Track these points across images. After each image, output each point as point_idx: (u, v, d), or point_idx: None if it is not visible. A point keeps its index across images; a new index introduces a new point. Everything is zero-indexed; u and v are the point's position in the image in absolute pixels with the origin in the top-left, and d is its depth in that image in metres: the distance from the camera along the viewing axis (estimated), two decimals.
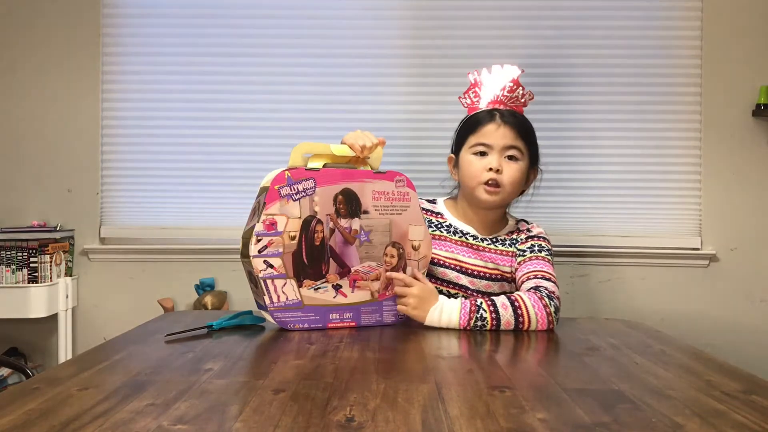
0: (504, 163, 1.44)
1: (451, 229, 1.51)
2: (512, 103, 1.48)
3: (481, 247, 1.48)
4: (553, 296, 1.33)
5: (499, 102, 1.48)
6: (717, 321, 2.18)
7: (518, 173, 1.45)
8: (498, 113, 1.46)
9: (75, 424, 0.69)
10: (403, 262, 1.34)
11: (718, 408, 0.78)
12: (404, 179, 1.34)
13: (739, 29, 2.17)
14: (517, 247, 1.48)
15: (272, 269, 1.21)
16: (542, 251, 1.46)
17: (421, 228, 1.35)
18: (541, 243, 1.48)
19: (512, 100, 1.48)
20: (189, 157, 2.26)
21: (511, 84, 1.48)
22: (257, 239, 1.20)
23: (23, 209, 2.25)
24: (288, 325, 1.24)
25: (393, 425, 0.70)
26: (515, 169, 1.45)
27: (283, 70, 2.24)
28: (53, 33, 2.24)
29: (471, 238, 1.49)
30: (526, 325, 1.28)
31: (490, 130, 1.44)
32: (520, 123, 1.46)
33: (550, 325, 1.30)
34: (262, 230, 1.20)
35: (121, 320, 1.81)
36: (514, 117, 1.46)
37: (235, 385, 0.85)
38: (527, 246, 1.47)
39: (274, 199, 1.21)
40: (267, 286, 1.21)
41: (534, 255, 1.45)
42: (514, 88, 1.48)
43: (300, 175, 1.23)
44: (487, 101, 1.49)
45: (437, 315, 1.28)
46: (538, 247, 1.47)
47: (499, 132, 1.44)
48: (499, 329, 1.28)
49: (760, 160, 2.17)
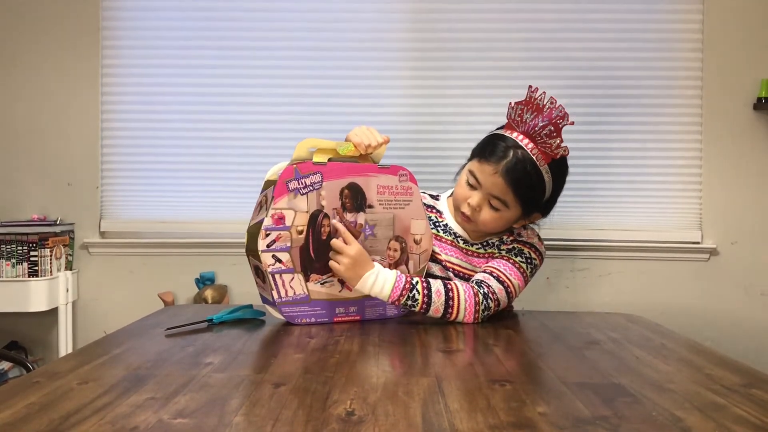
0: (485, 206, 1.37)
1: (447, 228, 1.47)
2: (541, 146, 1.33)
3: (470, 252, 1.45)
4: (490, 296, 1.30)
5: (529, 137, 1.34)
6: (717, 315, 2.18)
7: (493, 221, 1.37)
8: (510, 156, 1.33)
9: (75, 417, 0.69)
10: (406, 255, 1.34)
11: (718, 401, 0.78)
12: (407, 174, 1.34)
13: (740, 22, 2.16)
14: (501, 248, 1.43)
15: (280, 264, 1.21)
16: (518, 256, 1.40)
17: (423, 222, 1.35)
18: (522, 248, 1.41)
19: (543, 145, 1.33)
20: (189, 150, 2.26)
21: (551, 127, 1.32)
22: (266, 234, 1.19)
23: (23, 203, 2.25)
24: (296, 319, 1.24)
25: (393, 419, 0.70)
26: (491, 217, 1.37)
27: (283, 64, 2.24)
28: (53, 26, 2.24)
29: (461, 242, 1.45)
30: (453, 316, 1.28)
31: (487, 171, 1.34)
32: (519, 179, 1.33)
33: (475, 321, 1.29)
34: (271, 225, 1.19)
35: (122, 314, 1.82)
36: (519, 169, 1.32)
37: (236, 379, 0.85)
38: (508, 248, 1.42)
39: (283, 193, 1.20)
40: (275, 281, 1.21)
41: (507, 256, 1.40)
42: (552, 134, 1.32)
43: (307, 168, 1.23)
44: (522, 129, 1.35)
45: (370, 282, 1.24)
46: (517, 251, 1.41)
47: (492, 178, 1.34)
48: (426, 314, 1.27)
49: (760, 154, 2.17)
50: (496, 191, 1.35)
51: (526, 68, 2.20)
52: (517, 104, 1.37)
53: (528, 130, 1.34)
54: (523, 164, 1.33)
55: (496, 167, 1.33)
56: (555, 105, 1.33)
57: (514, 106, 1.37)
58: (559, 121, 1.32)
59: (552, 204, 1.44)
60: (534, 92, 1.35)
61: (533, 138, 1.34)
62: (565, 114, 1.32)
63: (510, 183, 1.33)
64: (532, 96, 1.35)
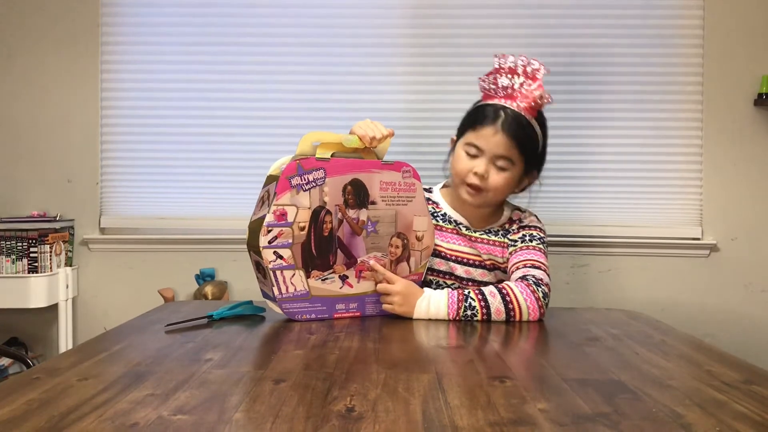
0: (492, 170, 1.39)
1: (446, 217, 1.49)
2: (526, 102, 1.38)
3: (473, 238, 1.46)
4: (541, 283, 1.31)
5: (513, 98, 1.39)
6: (717, 311, 2.18)
7: (504, 182, 1.40)
8: (503, 115, 1.37)
9: (75, 414, 0.69)
10: (408, 252, 1.33)
11: (718, 398, 0.78)
12: (411, 170, 1.32)
13: (741, 18, 2.16)
14: (509, 237, 1.45)
15: (281, 260, 1.20)
16: (533, 240, 1.42)
17: (425, 219, 1.35)
18: (532, 233, 1.44)
19: (528, 99, 1.38)
20: (189, 147, 2.26)
21: (530, 82, 1.38)
22: (267, 230, 1.18)
23: (23, 199, 2.25)
24: (296, 315, 1.24)
25: (393, 415, 0.70)
26: (502, 178, 1.40)
27: (283, 60, 2.23)
28: (52, 22, 2.23)
29: (464, 228, 1.47)
30: (517, 313, 1.27)
31: (487, 134, 1.37)
32: (520, 132, 1.37)
33: (541, 311, 1.28)
34: (273, 221, 1.19)
35: (122, 310, 1.82)
36: (517, 124, 1.37)
37: (236, 375, 0.85)
38: (518, 236, 1.44)
39: (285, 189, 1.19)
40: (276, 277, 1.21)
41: (525, 245, 1.42)
42: (531, 87, 1.38)
43: (310, 164, 1.22)
44: (502, 93, 1.40)
45: (425, 307, 1.27)
46: (530, 236, 1.43)
47: (494, 138, 1.37)
48: (490, 319, 1.26)
49: (761, 150, 2.16)
50: (501, 150, 1.38)
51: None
52: (488, 75, 1.43)
53: (506, 91, 1.40)
54: (518, 118, 1.38)
55: (495, 127, 1.37)
56: (526, 60, 1.39)
57: (485, 78, 1.43)
58: (535, 73, 1.38)
59: (543, 160, 1.48)
60: (501, 57, 1.41)
61: (513, 96, 1.39)
62: (541, 65, 1.38)
63: (513, 137, 1.37)
64: (501, 63, 1.41)
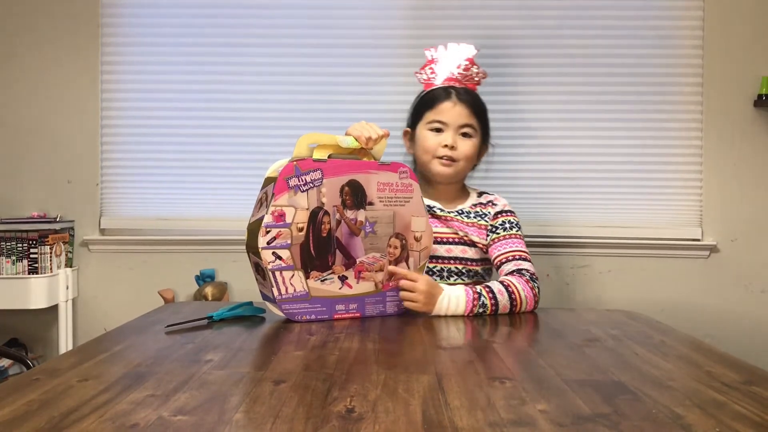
0: (458, 140, 1.53)
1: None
2: (467, 81, 1.56)
3: (449, 218, 1.54)
4: (535, 277, 1.43)
5: (454, 79, 1.56)
6: (717, 312, 2.18)
7: (471, 149, 1.54)
8: (454, 91, 1.54)
9: (75, 415, 0.69)
10: (406, 253, 1.34)
11: (718, 399, 0.78)
12: (407, 170, 1.33)
13: (741, 19, 2.15)
14: (489, 221, 1.54)
15: (280, 261, 1.21)
16: (513, 228, 1.54)
17: (423, 219, 1.35)
18: (510, 219, 1.55)
19: (467, 78, 1.56)
20: (189, 147, 2.26)
21: (467, 62, 1.56)
22: (266, 231, 1.19)
23: (23, 200, 2.25)
24: (296, 316, 1.24)
25: (393, 416, 0.70)
26: (469, 145, 1.53)
27: (283, 61, 2.23)
28: (53, 23, 2.23)
29: (438, 210, 1.55)
30: (519, 307, 1.37)
31: (447, 107, 1.52)
32: (474, 101, 1.55)
33: (535, 305, 1.40)
34: (271, 222, 1.19)
35: (122, 311, 1.82)
36: (469, 95, 1.54)
37: (236, 376, 0.85)
38: (498, 223, 1.54)
39: (283, 191, 1.20)
40: (275, 278, 1.21)
41: (507, 234, 1.52)
42: (468, 67, 1.56)
43: (308, 165, 1.23)
44: (442, 78, 1.57)
45: (445, 305, 1.32)
46: (509, 223, 1.54)
47: (455, 110, 1.52)
48: (497, 314, 1.35)
49: (761, 151, 2.16)
50: (463, 119, 1.53)
51: (525, 65, 2.20)
52: (422, 68, 1.60)
53: (448, 75, 1.56)
54: (468, 91, 1.55)
55: (452, 101, 1.53)
56: (458, 46, 1.56)
57: (421, 71, 1.61)
58: (467, 54, 1.56)
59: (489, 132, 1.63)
60: (433, 50, 1.59)
61: (456, 79, 1.56)
62: (469, 45, 1.56)
63: (470, 105, 1.53)
64: (433, 55, 1.59)
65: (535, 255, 2.20)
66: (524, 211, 2.18)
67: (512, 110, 2.19)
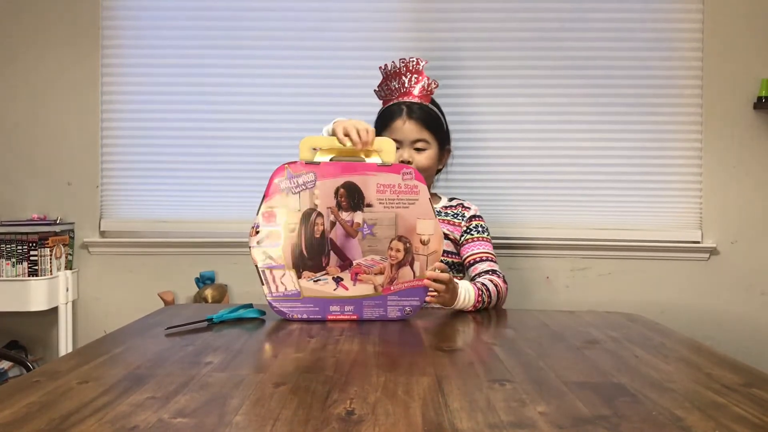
0: (414, 154, 1.60)
1: None
2: (420, 93, 1.63)
3: None
4: (504, 275, 1.57)
5: (406, 93, 1.63)
6: (717, 314, 2.18)
7: (426, 160, 1.61)
8: (405, 108, 1.61)
9: (75, 417, 0.69)
10: (410, 256, 1.29)
11: (718, 401, 0.78)
12: (412, 171, 1.29)
13: (741, 21, 2.16)
14: (464, 222, 1.66)
15: (271, 260, 1.23)
16: (484, 232, 1.65)
17: (431, 222, 1.29)
18: (482, 224, 1.67)
19: (420, 90, 1.63)
20: (189, 150, 2.26)
21: (417, 76, 1.63)
22: (256, 231, 1.23)
23: (23, 202, 2.25)
24: (287, 315, 1.25)
25: (393, 418, 0.70)
26: (424, 157, 1.61)
27: (284, 63, 2.23)
28: (53, 25, 2.23)
29: None
30: (501, 303, 1.52)
31: (398, 126, 1.60)
32: (425, 116, 1.61)
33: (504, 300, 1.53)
34: (261, 221, 1.23)
35: (122, 313, 1.81)
36: (420, 111, 1.61)
37: (236, 378, 0.85)
38: (472, 226, 1.65)
39: (274, 192, 1.23)
40: (266, 276, 1.24)
41: (479, 236, 1.64)
42: (419, 79, 1.63)
43: (299, 168, 1.25)
44: (396, 94, 1.65)
45: (463, 297, 1.40)
46: (481, 227, 1.66)
47: (405, 127, 1.59)
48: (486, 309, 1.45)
49: (761, 153, 2.16)
50: (415, 134, 1.60)
51: (525, 67, 2.20)
52: (379, 86, 1.68)
53: (400, 90, 1.64)
54: (418, 105, 1.62)
55: (402, 119, 1.60)
56: (406, 60, 1.63)
57: (378, 89, 1.69)
58: (416, 67, 1.63)
59: (449, 136, 1.72)
60: (385, 68, 1.66)
61: (410, 93, 1.63)
62: (419, 59, 1.62)
63: (419, 120, 1.60)
64: (386, 71, 1.67)
65: (535, 257, 2.22)
66: (523, 212, 2.19)
67: (512, 112, 2.20)
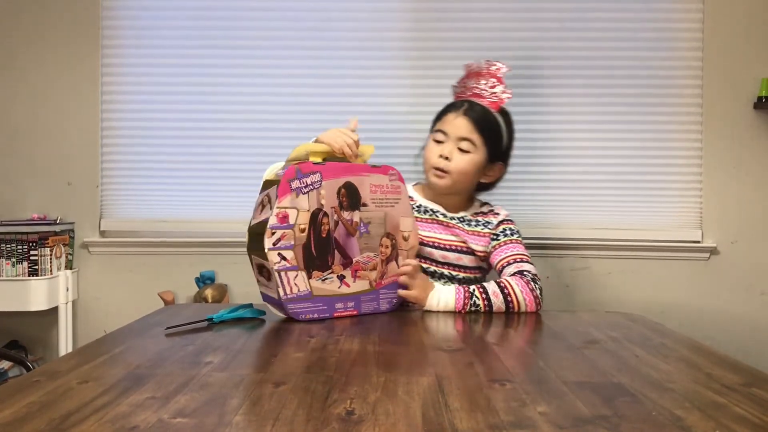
0: (455, 152, 1.51)
1: (421, 208, 1.58)
2: (490, 98, 1.54)
3: (450, 224, 1.56)
4: (537, 279, 1.44)
5: (476, 95, 1.55)
6: (717, 314, 2.18)
7: (466, 164, 1.52)
8: (467, 104, 1.53)
9: (75, 417, 0.69)
10: (396, 252, 1.39)
11: (718, 401, 0.78)
12: (396, 173, 1.39)
13: (741, 21, 2.16)
14: (491, 229, 1.56)
15: (285, 261, 1.23)
16: (514, 234, 1.56)
17: (410, 219, 1.42)
18: (511, 227, 1.57)
19: (491, 95, 1.54)
20: (189, 149, 2.26)
21: (494, 80, 1.55)
22: (271, 232, 1.22)
23: (23, 202, 2.25)
24: (300, 315, 1.26)
25: (393, 418, 0.70)
26: (464, 160, 1.51)
27: (283, 63, 2.23)
28: (53, 25, 2.23)
29: (441, 216, 1.56)
30: (516, 308, 1.39)
31: (449, 118, 1.53)
32: (480, 117, 1.52)
33: (537, 307, 1.40)
34: (276, 223, 1.22)
35: (122, 313, 1.81)
36: (479, 111, 1.52)
37: (236, 378, 0.85)
38: (500, 230, 1.56)
39: (286, 193, 1.23)
40: (281, 279, 1.23)
41: (508, 239, 1.54)
42: (495, 84, 1.54)
43: (308, 168, 1.26)
44: (468, 93, 1.58)
45: (435, 301, 1.38)
46: (510, 231, 1.56)
47: (456, 121, 1.52)
48: (491, 313, 1.37)
49: (761, 153, 2.16)
50: (463, 131, 1.51)
51: (525, 67, 2.19)
52: (458, 82, 1.61)
53: (473, 91, 1.56)
54: (480, 107, 1.53)
55: (458, 111, 1.53)
56: (490, 63, 1.56)
57: (456, 85, 1.61)
58: (496, 72, 1.55)
59: (509, 156, 1.62)
60: (470, 65, 1.59)
61: (480, 96, 1.55)
62: (502, 64, 1.55)
63: (473, 119, 1.51)
64: (469, 68, 1.59)
65: (535, 257, 2.19)
66: (524, 212, 2.18)
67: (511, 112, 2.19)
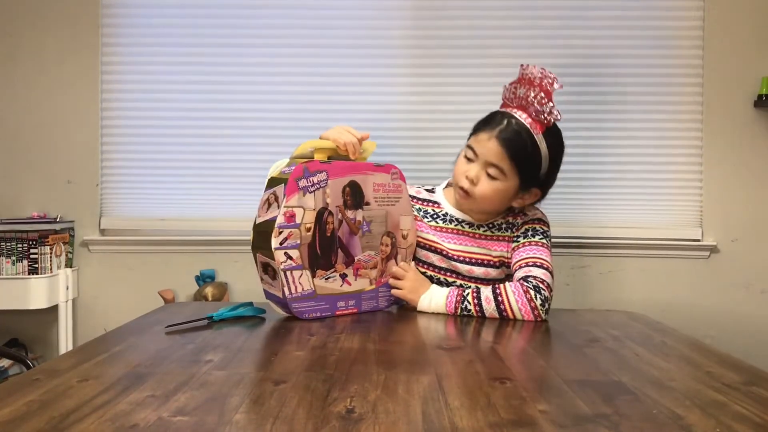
0: (482, 177, 1.39)
1: (447, 217, 1.49)
2: (536, 116, 1.37)
3: (477, 234, 1.46)
4: (541, 287, 1.30)
5: (522, 107, 1.39)
6: (718, 312, 2.18)
7: (492, 192, 1.39)
8: (505, 123, 1.37)
9: (75, 415, 0.69)
10: (395, 250, 1.40)
11: (718, 399, 0.78)
12: (398, 171, 1.40)
13: (741, 19, 2.16)
14: (514, 232, 1.45)
15: (291, 261, 1.23)
16: (536, 235, 1.42)
17: (409, 218, 1.42)
18: (535, 227, 1.44)
19: (538, 112, 1.37)
20: (189, 148, 2.26)
21: (543, 96, 1.37)
22: (279, 231, 1.21)
23: (23, 200, 2.25)
24: (304, 314, 1.26)
25: (393, 416, 0.70)
26: (490, 188, 1.38)
27: (284, 62, 2.23)
28: (53, 23, 2.23)
29: (467, 227, 1.47)
30: (510, 317, 1.29)
31: (483, 139, 1.38)
32: (515, 142, 1.36)
33: (537, 318, 1.28)
34: (283, 222, 1.21)
35: (122, 311, 1.82)
36: (514, 134, 1.36)
37: (236, 377, 0.85)
38: (521, 231, 1.44)
39: (293, 192, 1.22)
40: (287, 278, 1.23)
41: (527, 240, 1.41)
42: (544, 101, 1.37)
43: (315, 167, 1.26)
44: (515, 103, 1.41)
45: (427, 303, 1.35)
46: (532, 231, 1.43)
47: (488, 144, 1.37)
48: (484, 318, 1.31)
49: (761, 152, 2.16)
50: (493, 157, 1.37)
51: None
52: (511, 84, 1.43)
53: (521, 102, 1.39)
54: (518, 130, 1.37)
55: (491, 133, 1.37)
56: (545, 73, 1.38)
57: (508, 87, 1.43)
58: (548, 87, 1.37)
59: (551, 181, 1.45)
60: (525, 69, 1.40)
61: (526, 108, 1.38)
62: (554, 78, 1.38)
63: (505, 146, 1.36)
64: (523, 73, 1.40)
65: None
66: None
67: None
